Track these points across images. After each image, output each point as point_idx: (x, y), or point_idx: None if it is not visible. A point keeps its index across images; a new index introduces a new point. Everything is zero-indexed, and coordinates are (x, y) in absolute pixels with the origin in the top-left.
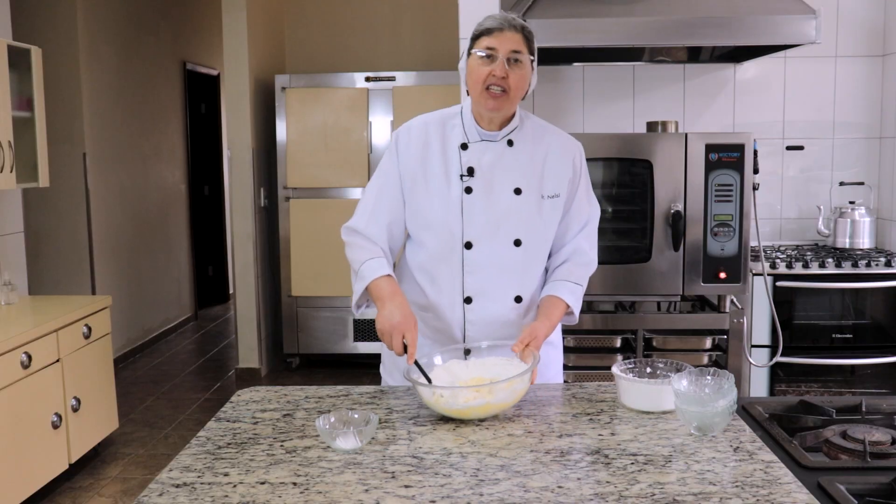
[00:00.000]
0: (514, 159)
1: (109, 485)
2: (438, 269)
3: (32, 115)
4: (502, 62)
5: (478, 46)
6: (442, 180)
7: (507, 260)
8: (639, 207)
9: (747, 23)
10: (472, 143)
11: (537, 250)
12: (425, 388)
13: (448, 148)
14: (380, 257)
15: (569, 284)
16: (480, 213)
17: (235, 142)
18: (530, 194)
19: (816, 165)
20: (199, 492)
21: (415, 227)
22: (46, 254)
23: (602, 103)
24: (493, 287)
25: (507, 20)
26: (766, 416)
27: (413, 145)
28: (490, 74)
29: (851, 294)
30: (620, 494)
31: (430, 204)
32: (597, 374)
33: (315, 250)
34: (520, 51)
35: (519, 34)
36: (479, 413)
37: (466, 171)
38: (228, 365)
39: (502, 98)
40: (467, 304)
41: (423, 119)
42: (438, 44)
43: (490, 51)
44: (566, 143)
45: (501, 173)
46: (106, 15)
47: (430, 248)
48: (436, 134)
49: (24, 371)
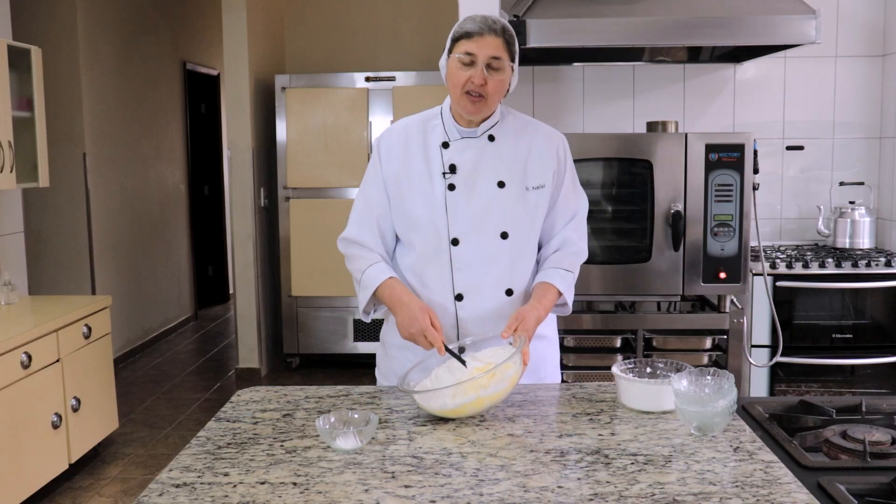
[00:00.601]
0: (496, 154)
1: (109, 485)
2: (427, 269)
3: (32, 115)
4: (481, 69)
5: (457, 50)
6: (425, 179)
7: (495, 254)
8: (639, 207)
9: (747, 23)
10: (453, 140)
11: (525, 242)
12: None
13: (429, 147)
14: (378, 263)
15: (559, 271)
16: (464, 209)
17: (235, 142)
18: (514, 186)
19: (816, 165)
20: (199, 492)
21: (402, 228)
22: (46, 254)
23: (602, 103)
24: (483, 282)
25: (487, 24)
26: (766, 416)
27: (394, 148)
28: (469, 80)
29: (851, 294)
30: (620, 494)
31: (414, 204)
32: (597, 374)
33: (315, 250)
34: (499, 56)
35: (499, 38)
36: (475, 408)
37: (448, 168)
38: (228, 365)
39: (480, 102)
40: (459, 302)
41: (404, 122)
42: (438, 44)
43: (469, 56)
44: (549, 135)
45: (484, 168)
46: (106, 15)
47: (417, 248)
48: (416, 135)
49: (24, 371)
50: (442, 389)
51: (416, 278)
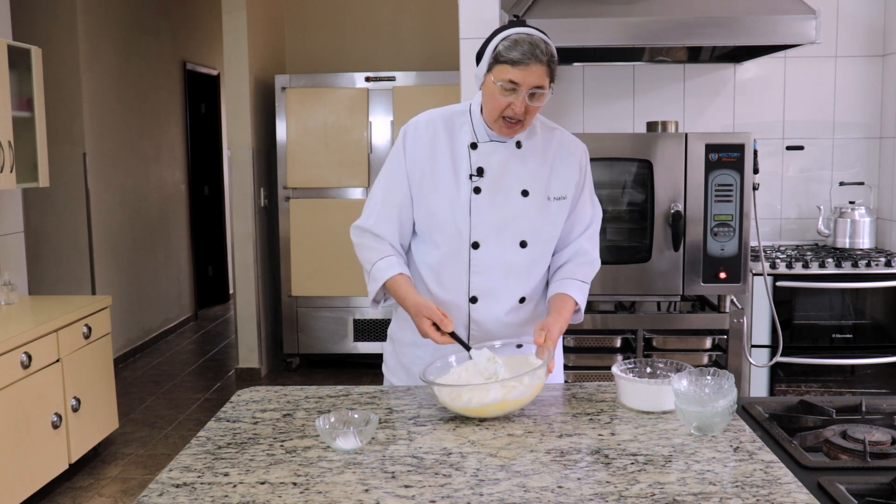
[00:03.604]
0: (523, 161)
1: (109, 485)
2: (445, 268)
3: (32, 115)
4: (523, 98)
5: (500, 75)
6: (451, 180)
7: (513, 261)
8: (639, 207)
9: (747, 23)
10: (482, 142)
11: (542, 252)
12: (442, 388)
13: (456, 146)
14: (390, 256)
15: (576, 282)
16: (487, 213)
17: (235, 142)
18: (537, 196)
19: (816, 165)
20: (199, 492)
21: (424, 225)
22: (46, 254)
23: (602, 103)
24: (498, 287)
25: (534, 53)
26: (766, 416)
27: (421, 142)
28: (509, 106)
29: (851, 294)
30: (620, 494)
31: (439, 203)
32: (597, 374)
33: (315, 250)
34: (542, 85)
35: (544, 67)
36: (499, 410)
37: (476, 171)
38: (228, 365)
39: (517, 126)
40: (473, 304)
41: (430, 115)
42: (438, 44)
43: (512, 84)
44: (573, 145)
45: (510, 174)
46: (106, 15)
47: (438, 246)
48: (443, 131)
49: (24, 371)
50: (471, 386)
51: (433, 275)
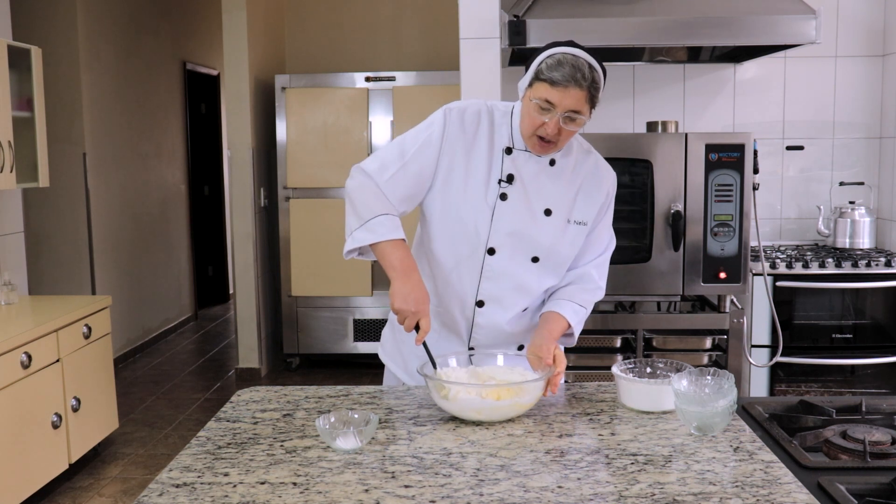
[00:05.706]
0: (552, 179)
1: (109, 485)
2: (458, 269)
3: (32, 115)
4: (557, 120)
5: (538, 93)
6: (481, 181)
7: (524, 274)
8: (639, 207)
9: (747, 23)
10: (517, 149)
11: (553, 270)
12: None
13: (494, 147)
14: (395, 216)
15: (573, 305)
16: (508, 223)
17: (235, 142)
18: (559, 217)
19: (816, 165)
20: (199, 492)
21: (446, 218)
22: (46, 254)
23: (602, 103)
24: (506, 296)
25: (575, 76)
26: (766, 416)
27: (466, 132)
28: (542, 126)
29: (851, 294)
30: (620, 494)
31: (464, 200)
32: (597, 374)
33: (315, 250)
34: (579, 110)
35: (584, 92)
36: (503, 413)
37: (506, 177)
38: (228, 365)
39: (549, 146)
40: (478, 308)
41: (478, 108)
42: (438, 44)
43: (549, 104)
44: (604, 172)
45: (537, 189)
46: (106, 15)
47: (456, 243)
48: (486, 127)
49: (24, 371)
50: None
51: (444, 273)
